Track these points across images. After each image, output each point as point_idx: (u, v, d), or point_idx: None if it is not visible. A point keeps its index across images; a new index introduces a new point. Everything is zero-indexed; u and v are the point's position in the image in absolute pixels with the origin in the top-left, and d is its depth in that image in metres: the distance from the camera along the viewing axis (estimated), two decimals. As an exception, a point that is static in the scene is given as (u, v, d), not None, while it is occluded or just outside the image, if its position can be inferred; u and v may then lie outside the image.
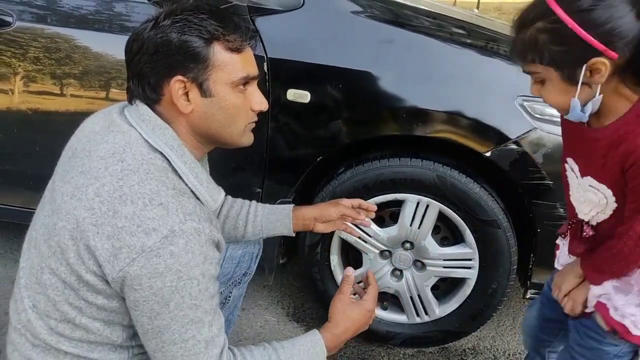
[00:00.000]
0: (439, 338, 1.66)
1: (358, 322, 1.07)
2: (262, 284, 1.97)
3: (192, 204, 0.83)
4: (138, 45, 0.86)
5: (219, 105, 0.89)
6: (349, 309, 1.06)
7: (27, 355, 0.89)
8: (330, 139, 1.46)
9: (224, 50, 0.86)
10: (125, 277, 0.78)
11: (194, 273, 0.80)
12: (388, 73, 1.42)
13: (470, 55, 1.47)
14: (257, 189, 1.56)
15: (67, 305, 0.84)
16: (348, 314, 1.05)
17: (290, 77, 1.43)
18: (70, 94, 1.57)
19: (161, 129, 0.87)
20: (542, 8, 0.81)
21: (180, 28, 0.84)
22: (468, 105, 1.39)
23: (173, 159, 0.87)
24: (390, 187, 1.47)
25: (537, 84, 0.89)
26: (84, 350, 0.87)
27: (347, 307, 1.06)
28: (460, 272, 1.54)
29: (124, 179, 0.80)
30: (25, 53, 1.56)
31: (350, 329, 1.06)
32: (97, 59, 1.55)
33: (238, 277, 1.26)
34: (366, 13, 1.52)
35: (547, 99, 0.89)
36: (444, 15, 1.79)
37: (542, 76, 0.86)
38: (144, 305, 0.80)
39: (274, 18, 1.44)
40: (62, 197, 0.84)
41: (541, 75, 0.86)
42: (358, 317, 1.06)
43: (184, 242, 0.78)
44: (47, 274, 0.85)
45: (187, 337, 0.83)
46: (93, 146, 0.86)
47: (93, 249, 0.79)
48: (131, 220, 0.78)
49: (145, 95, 0.88)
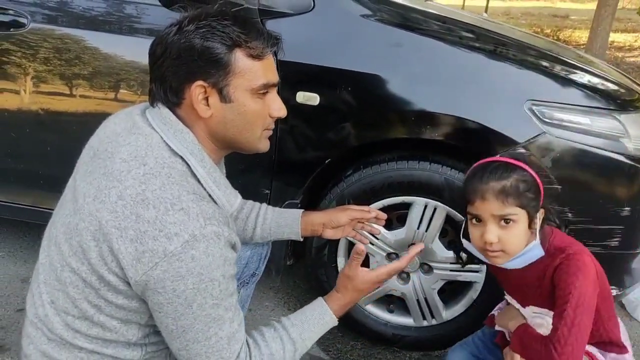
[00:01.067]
0: (445, 342, 1.66)
1: (364, 290, 1.08)
2: (268, 285, 1.97)
3: (212, 208, 0.85)
4: (162, 49, 0.87)
5: (238, 111, 0.90)
6: (358, 284, 1.06)
7: (43, 349, 0.91)
8: (339, 141, 1.47)
9: (245, 57, 0.87)
10: (149, 280, 0.80)
11: (215, 275, 0.82)
12: (397, 76, 1.42)
13: (479, 59, 1.47)
14: (266, 190, 1.57)
15: (87, 303, 0.86)
16: (356, 286, 1.06)
17: (300, 80, 1.43)
18: (83, 95, 1.59)
19: (182, 134, 0.89)
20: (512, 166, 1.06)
21: (204, 34, 0.85)
22: (477, 108, 1.39)
23: (193, 163, 0.88)
24: (398, 190, 1.47)
25: (500, 227, 1.05)
26: (98, 346, 0.89)
27: (357, 283, 1.06)
28: (467, 275, 1.54)
29: (147, 182, 0.82)
30: (38, 54, 1.58)
31: (357, 299, 1.09)
32: (111, 60, 1.57)
33: (246, 277, 1.27)
34: (376, 16, 1.52)
35: (510, 241, 1.06)
36: (452, 18, 1.80)
37: (515, 217, 1.05)
38: (167, 307, 0.82)
39: (284, 21, 1.45)
40: (84, 198, 0.85)
41: (515, 216, 1.04)
42: (364, 286, 1.07)
43: (204, 246, 0.80)
44: (67, 272, 0.86)
45: (210, 334, 0.85)
46: (115, 148, 0.87)
47: (116, 251, 0.80)
48: (153, 225, 0.79)
49: (166, 98, 0.89)
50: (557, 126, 1.37)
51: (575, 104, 1.40)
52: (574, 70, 1.57)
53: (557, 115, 1.37)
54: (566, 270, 1.06)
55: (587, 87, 1.48)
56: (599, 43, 6.43)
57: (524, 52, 1.60)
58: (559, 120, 1.37)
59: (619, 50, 8.16)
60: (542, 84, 1.44)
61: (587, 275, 1.04)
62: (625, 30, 10.43)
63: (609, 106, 1.42)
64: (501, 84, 1.43)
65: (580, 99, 1.42)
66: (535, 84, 1.43)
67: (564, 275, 1.06)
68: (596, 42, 6.44)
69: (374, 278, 1.07)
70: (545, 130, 1.36)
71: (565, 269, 1.06)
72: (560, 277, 1.07)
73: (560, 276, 1.07)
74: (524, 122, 1.37)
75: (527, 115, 1.37)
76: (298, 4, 1.46)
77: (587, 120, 1.39)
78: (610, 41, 7.28)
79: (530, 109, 1.37)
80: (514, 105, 1.38)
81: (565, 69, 1.55)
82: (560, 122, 1.37)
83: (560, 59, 1.64)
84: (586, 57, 2.14)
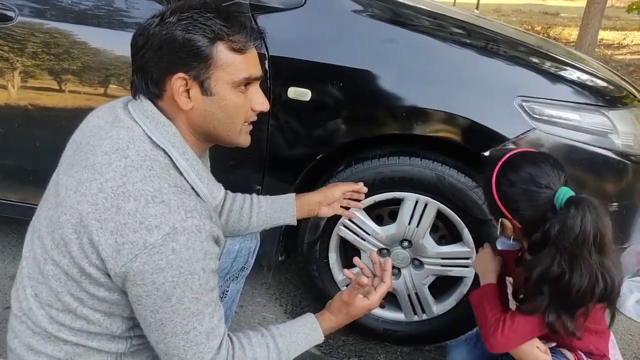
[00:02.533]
0: (436, 336, 1.67)
1: (357, 316, 1.07)
2: (260, 281, 1.97)
3: (193, 201, 0.84)
4: (143, 40, 0.87)
5: (219, 104, 0.90)
6: (353, 310, 1.05)
7: (27, 342, 0.90)
8: (330, 137, 1.47)
9: (227, 50, 0.87)
10: (128, 272, 0.79)
11: (195, 268, 0.81)
12: (388, 72, 1.43)
13: (470, 55, 1.47)
14: (257, 186, 1.56)
15: (69, 296, 0.86)
16: (350, 313, 1.06)
17: (291, 75, 1.43)
18: (71, 90, 1.58)
19: (164, 126, 0.88)
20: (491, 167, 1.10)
21: (186, 26, 0.85)
22: (467, 104, 1.39)
23: (175, 156, 0.88)
24: (389, 186, 1.47)
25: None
26: (83, 339, 0.89)
27: (352, 309, 1.05)
28: (458, 270, 1.55)
29: (127, 175, 0.81)
30: (26, 48, 1.56)
31: (346, 322, 1.08)
32: (100, 55, 1.55)
33: (235, 271, 1.27)
34: (367, 12, 1.52)
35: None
36: (444, 15, 1.80)
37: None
38: (146, 300, 0.82)
39: (276, 16, 1.45)
40: (66, 190, 0.85)
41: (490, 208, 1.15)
42: (358, 313, 1.07)
43: (185, 239, 0.79)
44: (50, 265, 0.86)
45: (189, 328, 0.84)
46: (97, 141, 0.87)
47: (96, 243, 0.80)
48: (134, 217, 0.79)
49: (147, 90, 0.89)
50: (546, 122, 1.38)
51: (565, 100, 1.42)
52: (563, 67, 1.58)
53: (547, 112, 1.38)
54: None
55: (577, 84, 1.49)
56: (589, 40, 6.48)
57: (514, 48, 1.61)
58: (549, 116, 1.38)
59: (607, 48, 8.23)
60: (532, 80, 1.45)
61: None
62: (614, 28, 10.51)
63: (597, 102, 1.44)
64: (491, 80, 1.44)
65: (570, 95, 1.44)
66: (525, 80, 1.44)
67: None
68: (585, 39, 6.48)
69: (367, 306, 1.05)
70: (535, 126, 1.37)
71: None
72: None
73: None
74: (514, 118, 1.38)
75: (517, 111, 1.38)
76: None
77: (577, 116, 1.40)
78: (599, 39, 7.33)
79: (520, 105, 1.38)
80: (504, 101, 1.39)
81: (555, 66, 1.56)
82: (550, 118, 1.38)
83: (550, 55, 1.65)
84: (576, 54, 2.15)
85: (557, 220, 0.99)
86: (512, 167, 1.07)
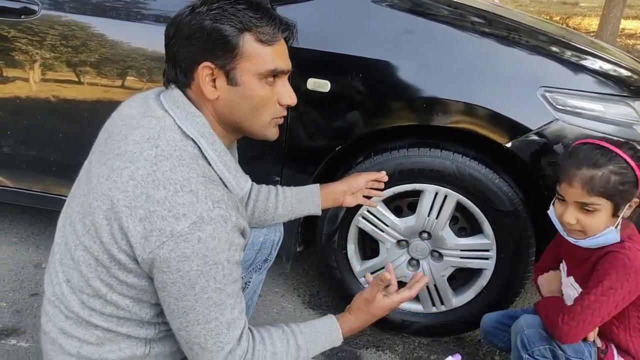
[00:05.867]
0: (454, 328, 1.67)
1: (377, 316, 1.07)
2: (278, 271, 1.99)
3: (221, 191, 0.85)
4: (174, 30, 0.88)
5: (244, 95, 0.90)
6: (374, 309, 1.05)
7: (61, 326, 0.93)
8: (350, 128, 1.47)
9: (254, 41, 0.87)
10: (155, 259, 0.81)
11: (220, 258, 0.82)
12: (408, 63, 1.42)
13: (491, 45, 1.46)
14: (276, 177, 1.57)
15: (99, 282, 0.88)
16: (371, 311, 1.05)
17: (311, 67, 1.43)
18: (92, 82, 1.59)
19: (194, 117, 0.89)
20: (612, 154, 1.06)
21: (214, 16, 0.86)
22: (489, 95, 1.38)
23: (204, 146, 0.89)
24: (408, 177, 1.47)
25: (582, 212, 1.09)
26: (113, 324, 0.91)
27: (373, 307, 1.05)
28: (477, 262, 1.54)
29: (158, 164, 0.83)
30: (49, 41, 1.58)
31: (367, 323, 1.07)
32: (119, 47, 1.57)
33: (259, 263, 1.28)
34: (386, 2, 1.51)
35: (590, 225, 1.10)
36: (464, 4, 1.78)
37: (598, 207, 1.07)
38: (171, 287, 0.83)
39: (295, 7, 1.44)
40: (98, 178, 0.86)
41: (599, 206, 1.07)
42: (379, 312, 1.06)
43: (211, 229, 0.80)
44: (80, 250, 0.88)
45: (210, 318, 0.85)
46: (129, 130, 0.88)
47: (126, 230, 0.81)
48: (163, 205, 0.80)
49: (177, 78, 0.90)
50: (570, 113, 1.36)
51: (589, 90, 1.39)
52: (586, 56, 1.55)
53: (570, 102, 1.36)
54: (611, 262, 1.08)
55: (600, 74, 1.46)
56: (610, 30, 6.34)
57: (536, 38, 1.58)
58: (572, 107, 1.36)
59: (629, 38, 8.05)
60: (554, 70, 1.42)
61: (627, 273, 1.06)
62: (637, 17, 10.27)
63: (622, 93, 1.41)
64: (513, 71, 1.41)
65: (593, 85, 1.41)
66: (547, 70, 1.42)
67: (605, 265, 1.09)
68: (606, 29, 6.35)
69: (388, 304, 1.05)
70: (558, 117, 1.35)
71: (610, 260, 1.08)
72: (602, 265, 1.10)
73: (602, 264, 1.10)
74: (536, 109, 1.36)
75: (540, 102, 1.36)
76: (309, -11, 1.44)
77: (600, 107, 1.38)
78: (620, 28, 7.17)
79: (543, 96, 1.36)
80: (527, 91, 1.37)
81: (578, 56, 1.53)
82: (573, 109, 1.36)
83: (572, 45, 1.62)
84: (599, 43, 2.11)
85: None
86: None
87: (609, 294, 1.07)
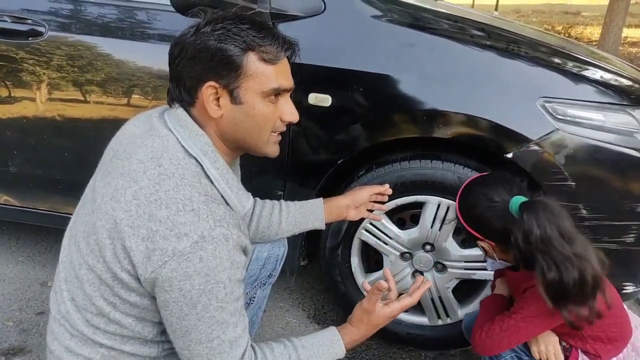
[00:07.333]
0: (461, 340, 1.65)
1: (378, 326, 1.07)
2: (283, 286, 1.99)
3: (222, 210, 0.86)
4: (179, 50, 0.90)
5: (247, 113, 0.91)
6: (374, 318, 1.05)
7: (66, 344, 0.93)
8: (351, 141, 1.48)
9: (257, 61, 0.89)
10: (157, 278, 0.81)
11: (221, 277, 0.83)
12: (408, 76, 1.43)
13: (490, 57, 1.47)
14: (279, 191, 1.58)
15: (102, 301, 0.88)
16: (372, 321, 1.05)
17: (312, 82, 1.44)
18: (97, 101, 1.62)
19: (197, 136, 0.91)
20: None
21: (219, 36, 0.87)
22: (489, 106, 1.39)
23: (206, 164, 0.90)
24: (411, 189, 1.47)
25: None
26: (117, 342, 0.91)
27: (373, 317, 1.05)
28: (481, 273, 1.54)
29: (160, 183, 0.84)
30: (56, 62, 1.61)
31: (369, 334, 1.07)
32: (127, 67, 1.59)
33: (263, 278, 1.28)
34: (386, 17, 1.53)
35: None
36: (463, 17, 1.80)
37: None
38: (173, 306, 0.83)
39: (296, 24, 1.46)
40: (102, 197, 0.87)
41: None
42: (380, 322, 1.06)
43: (212, 248, 0.81)
44: (84, 269, 0.89)
45: (213, 337, 0.86)
46: (133, 149, 0.89)
47: (128, 249, 0.82)
48: (165, 224, 0.81)
49: (181, 97, 0.92)
50: (570, 122, 1.36)
51: (588, 100, 1.40)
52: (586, 66, 1.56)
53: (570, 112, 1.37)
54: (533, 293, 1.10)
55: (600, 83, 1.47)
56: (612, 39, 6.36)
57: (535, 49, 1.59)
58: (572, 116, 1.37)
59: (632, 46, 8.06)
60: (554, 80, 1.43)
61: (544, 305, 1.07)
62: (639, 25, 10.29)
63: (622, 102, 1.41)
64: (513, 82, 1.42)
65: (593, 95, 1.42)
66: (547, 80, 1.43)
67: (530, 293, 1.12)
68: (609, 37, 6.37)
69: (388, 313, 1.05)
70: (558, 127, 1.36)
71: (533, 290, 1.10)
72: (529, 292, 1.13)
73: (529, 292, 1.13)
74: (536, 119, 1.36)
75: (540, 112, 1.36)
76: (309, 6, 1.47)
77: (601, 116, 1.38)
78: (623, 37, 7.19)
79: (542, 106, 1.37)
80: (527, 102, 1.38)
81: (578, 65, 1.54)
82: (574, 119, 1.37)
83: (572, 55, 1.63)
84: (599, 53, 2.12)
85: (517, 227, 1.04)
86: (467, 193, 1.19)
87: (527, 321, 1.11)
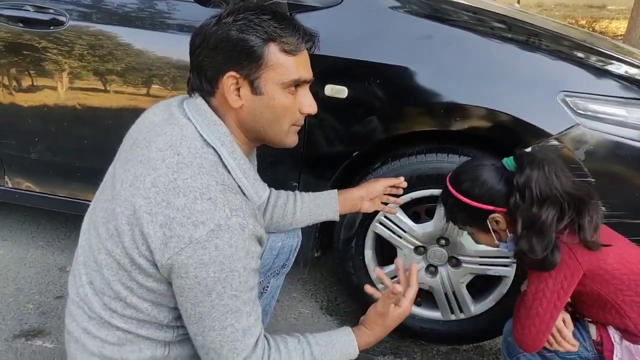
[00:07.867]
0: (473, 336, 1.65)
1: (392, 327, 1.07)
2: (296, 277, 2.00)
3: (239, 199, 0.86)
4: (200, 39, 0.90)
5: (267, 104, 0.92)
6: (388, 321, 1.05)
7: (84, 326, 0.96)
8: (367, 134, 1.47)
9: (278, 52, 0.89)
10: (173, 264, 0.83)
11: (236, 266, 0.84)
12: (426, 68, 1.41)
13: (511, 50, 1.44)
14: (294, 182, 1.58)
15: (120, 285, 0.90)
16: (386, 323, 1.05)
17: (328, 73, 1.44)
18: (120, 91, 1.64)
19: (216, 125, 0.91)
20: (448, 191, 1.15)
21: (240, 26, 0.88)
22: (508, 100, 1.37)
23: (224, 154, 0.90)
24: (426, 183, 1.46)
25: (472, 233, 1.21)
26: (133, 326, 0.93)
27: (387, 320, 1.04)
28: (497, 269, 1.52)
29: (179, 172, 0.85)
30: (77, 51, 1.63)
31: (383, 336, 1.07)
32: (146, 57, 1.61)
33: (277, 268, 1.29)
34: (404, 8, 1.51)
35: (479, 241, 1.21)
36: (483, 9, 1.77)
37: (470, 230, 1.20)
38: (188, 293, 0.85)
39: (313, 15, 1.46)
40: (121, 184, 0.89)
41: (469, 229, 1.20)
42: (394, 323, 1.06)
43: (228, 237, 0.82)
44: (103, 254, 0.90)
45: (226, 324, 0.87)
46: (152, 137, 0.91)
47: (146, 235, 0.83)
48: (182, 212, 0.82)
49: (201, 87, 0.92)
50: (591, 118, 1.33)
51: (611, 95, 1.37)
52: (609, 60, 1.52)
53: (592, 107, 1.34)
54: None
55: (624, 78, 1.43)
56: (639, 33, 6.19)
57: (557, 42, 1.56)
58: (594, 111, 1.34)
59: (659, 41, 7.83)
60: (575, 74, 1.40)
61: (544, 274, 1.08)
62: (666, 19, 9.99)
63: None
64: (533, 75, 1.40)
65: (616, 89, 1.39)
66: (568, 75, 1.40)
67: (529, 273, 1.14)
68: (635, 32, 6.19)
69: (400, 314, 1.04)
70: (579, 122, 1.33)
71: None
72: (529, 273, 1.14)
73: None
74: (557, 114, 1.34)
75: (560, 107, 1.34)
76: (326, -3, 1.46)
77: (623, 111, 1.35)
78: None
79: (563, 100, 1.34)
80: (547, 96, 1.35)
81: (601, 60, 1.51)
82: (595, 114, 1.34)
83: (595, 49, 1.59)
84: (624, 47, 2.07)
85: (519, 177, 1.04)
86: (458, 177, 1.15)
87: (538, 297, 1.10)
